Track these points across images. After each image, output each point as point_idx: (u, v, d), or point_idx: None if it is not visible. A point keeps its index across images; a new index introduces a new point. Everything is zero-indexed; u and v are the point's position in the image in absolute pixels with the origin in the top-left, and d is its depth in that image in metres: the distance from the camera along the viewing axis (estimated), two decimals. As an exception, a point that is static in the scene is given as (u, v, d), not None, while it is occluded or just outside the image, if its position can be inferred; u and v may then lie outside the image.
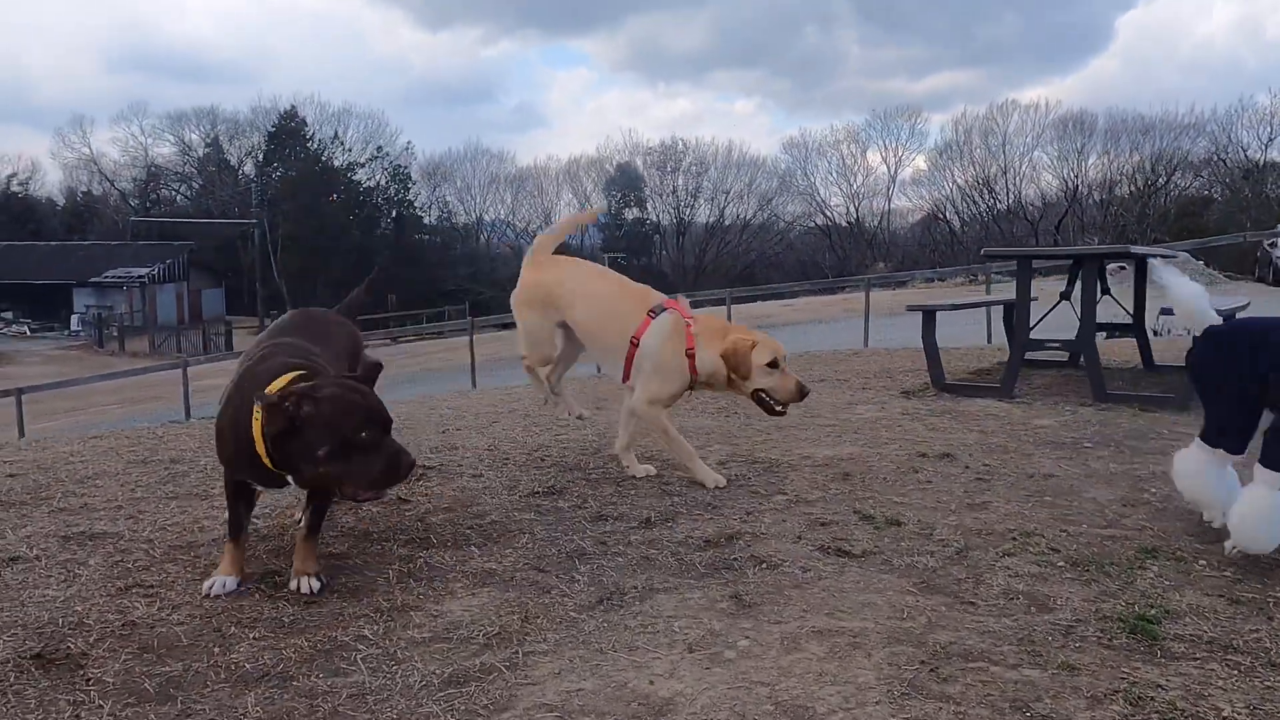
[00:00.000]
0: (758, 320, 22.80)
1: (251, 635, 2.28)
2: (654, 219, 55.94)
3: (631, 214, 55.36)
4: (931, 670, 2.05)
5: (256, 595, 2.54)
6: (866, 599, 2.49)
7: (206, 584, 2.55)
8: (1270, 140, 43.67)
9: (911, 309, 6.98)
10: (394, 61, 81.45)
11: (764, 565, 2.77)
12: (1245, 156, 44.03)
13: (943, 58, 77.61)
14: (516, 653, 2.17)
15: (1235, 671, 2.05)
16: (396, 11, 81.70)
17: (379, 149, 52.96)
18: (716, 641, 2.22)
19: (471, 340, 16.01)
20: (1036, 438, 4.56)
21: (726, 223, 55.41)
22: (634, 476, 3.82)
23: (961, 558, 2.83)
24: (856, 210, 55.08)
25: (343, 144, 52.59)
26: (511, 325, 4.43)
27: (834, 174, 55.77)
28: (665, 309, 3.77)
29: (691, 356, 3.64)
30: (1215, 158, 44.81)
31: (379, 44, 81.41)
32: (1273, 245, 21.98)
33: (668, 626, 2.32)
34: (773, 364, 3.54)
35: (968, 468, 3.97)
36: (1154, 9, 76.66)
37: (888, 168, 55.07)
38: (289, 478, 2.44)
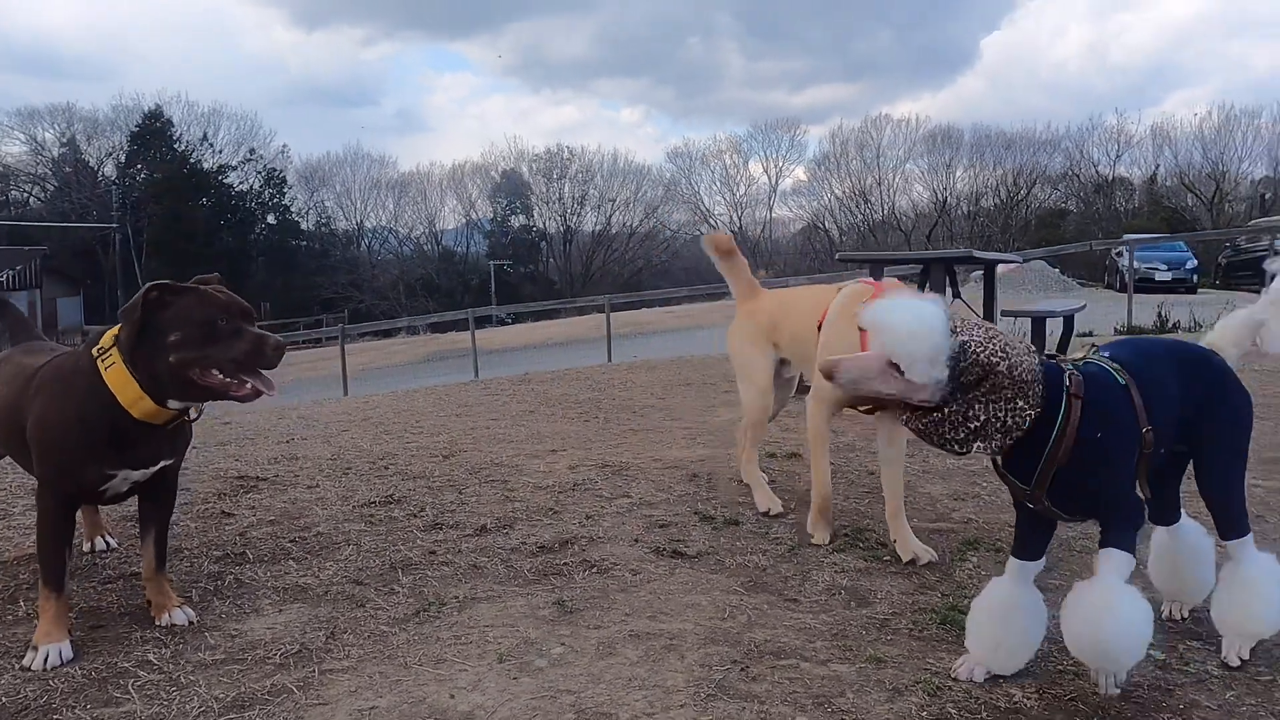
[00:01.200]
0: (638, 328, 22.90)
1: (17, 666, 2.07)
2: (540, 226, 55.54)
3: (518, 221, 54.85)
4: (742, 670, 2.02)
5: (31, 622, 2.32)
6: (691, 600, 2.46)
7: (31, 658, 2.06)
8: (1118, 157, 46.66)
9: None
10: (268, 61, 78.46)
11: (594, 569, 2.71)
12: (1096, 172, 46.86)
13: (821, 72, 79.88)
14: (313, 671, 2.04)
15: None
16: (269, 9, 78.67)
17: (252, 151, 50.87)
18: (529, 650, 2.15)
19: (343, 348, 15.47)
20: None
21: (613, 230, 55.53)
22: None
23: (793, 556, 2.83)
24: (740, 219, 56.10)
25: (212, 146, 50.30)
26: (391, 333, 4.26)
27: (718, 183, 56.67)
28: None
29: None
30: (1070, 172, 47.51)
31: (251, 42, 78.27)
32: (1119, 254, 23.38)
33: (481, 637, 2.22)
34: None
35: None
36: (1015, 32, 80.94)
37: (769, 178, 56.31)
38: (167, 406, 2.11)
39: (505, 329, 27.79)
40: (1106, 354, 1.96)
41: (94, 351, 2.12)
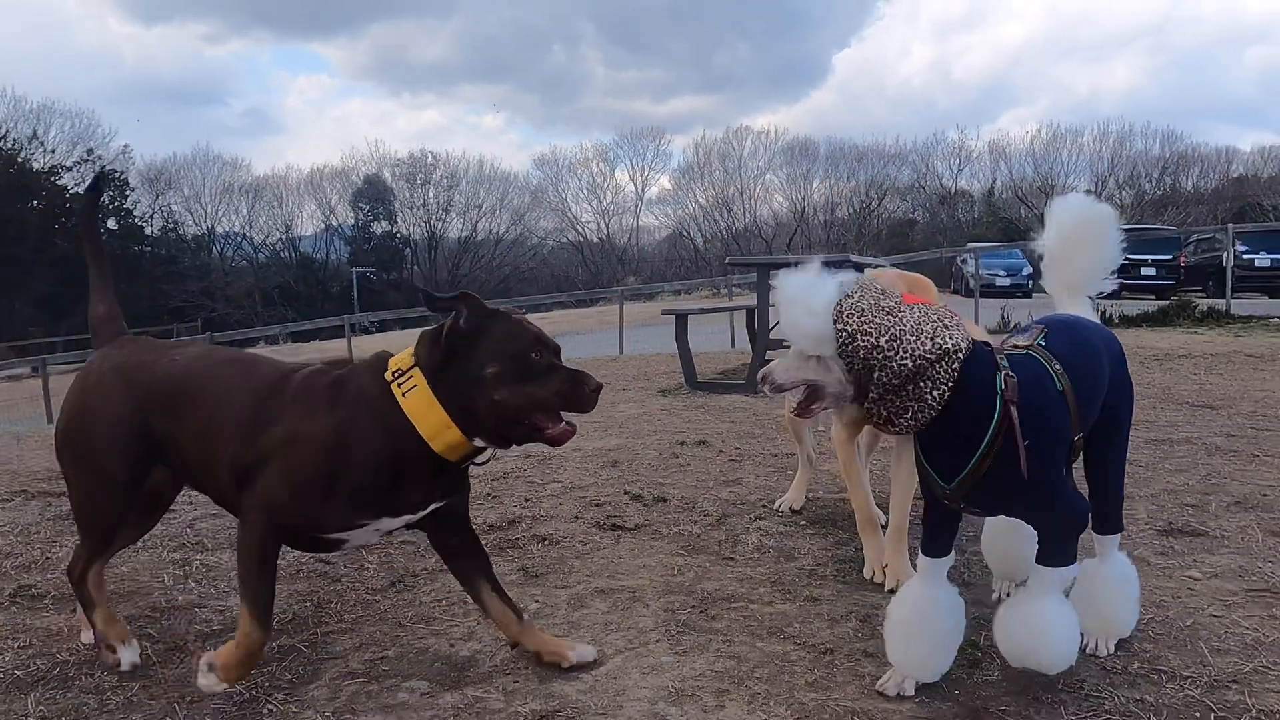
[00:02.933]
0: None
1: (16, 645, 2.15)
2: (404, 233, 54.51)
3: (380, 227, 53.64)
4: (701, 612, 2.33)
5: (13, 609, 2.39)
6: (641, 562, 2.75)
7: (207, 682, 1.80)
8: (959, 170, 49.96)
9: (666, 313, 7.46)
10: (103, 55, 73.68)
11: (546, 542, 2.96)
12: (940, 184, 50.01)
13: (683, 82, 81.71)
14: (315, 634, 2.22)
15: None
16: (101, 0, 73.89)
17: (89, 151, 47.69)
18: (509, 607, 2.38)
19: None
20: (779, 425, 5.08)
21: (480, 237, 55.07)
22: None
23: (721, 524, 3.16)
24: (607, 226, 56.73)
25: (43, 145, 46.99)
26: (249, 343, 4.31)
27: (584, 191, 57.08)
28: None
29: None
30: (917, 185, 50.48)
31: (83, 35, 73.34)
32: (964, 261, 25.11)
33: (461, 598, 2.44)
34: None
35: (721, 451, 4.38)
36: (864, 49, 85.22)
37: (635, 186, 57.18)
38: (473, 443, 1.83)
39: (371, 337, 27.23)
40: (1044, 344, 1.86)
41: (388, 375, 1.84)
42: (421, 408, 1.79)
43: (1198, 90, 70.50)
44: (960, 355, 1.67)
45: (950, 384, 1.66)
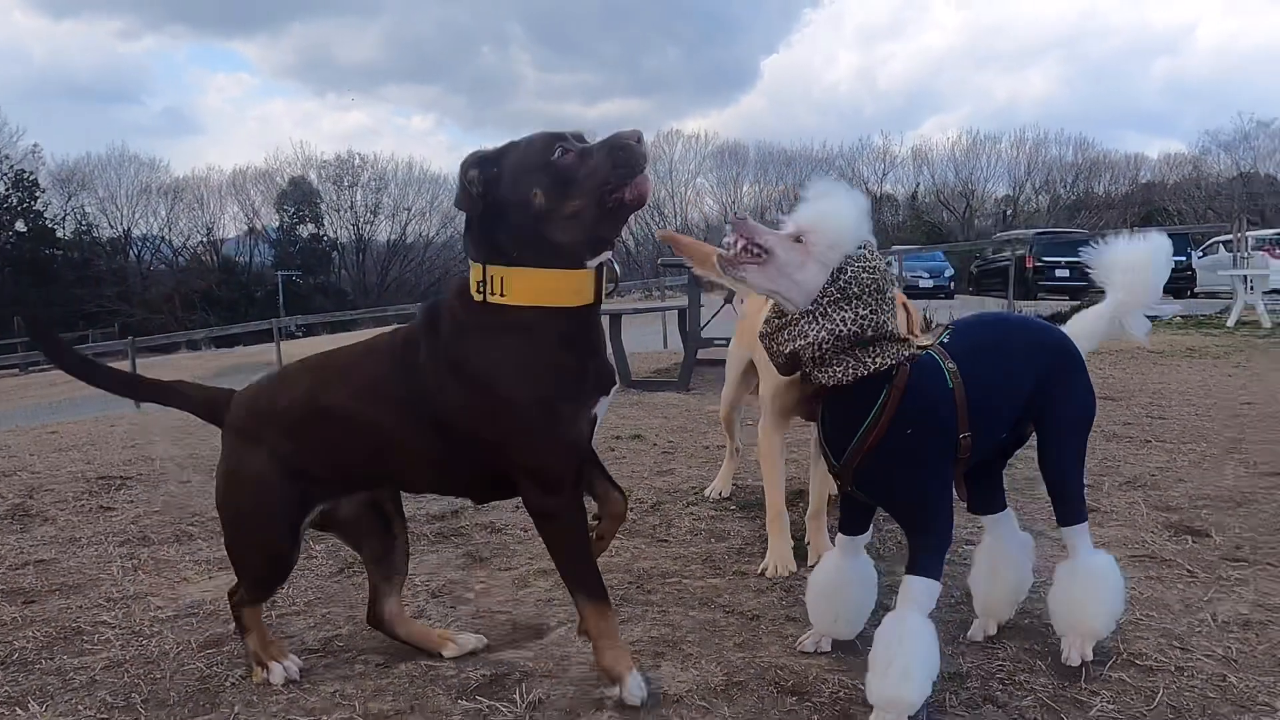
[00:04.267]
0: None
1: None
2: (331, 235, 53.63)
3: (307, 230, 52.64)
4: (638, 587, 2.49)
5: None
6: (581, 546, 2.90)
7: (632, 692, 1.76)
8: (884, 175, 51.29)
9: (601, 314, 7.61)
10: (8, 49, 70.93)
11: (489, 530, 3.09)
12: (866, 189, 51.22)
13: (614, 85, 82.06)
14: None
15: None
16: (5, -9, 71.02)
17: (-4, 151, 45.95)
18: (456, 588, 2.52)
19: (134, 363, 14.61)
20: (710, 420, 5.28)
21: (409, 240, 54.53)
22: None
23: (655, 510, 3.33)
24: (538, 230, 56.65)
25: (-54, 143, 45.02)
26: (170, 349, 4.35)
27: (516, 194, 56.95)
28: None
29: None
30: (843, 189, 51.68)
31: (-13, 29, 70.46)
32: (889, 264, 25.81)
33: (411, 582, 2.55)
34: None
35: (655, 444, 4.56)
36: (792, 54, 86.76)
37: (566, 189, 57.27)
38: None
39: (301, 341, 26.79)
40: (946, 342, 1.89)
41: (476, 288, 1.76)
42: (532, 287, 1.67)
43: (1109, 99, 73.63)
44: (908, 349, 1.74)
45: (892, 365, 1.69)
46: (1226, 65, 75.10)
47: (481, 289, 1.69)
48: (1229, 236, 19.99)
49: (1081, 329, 2.09)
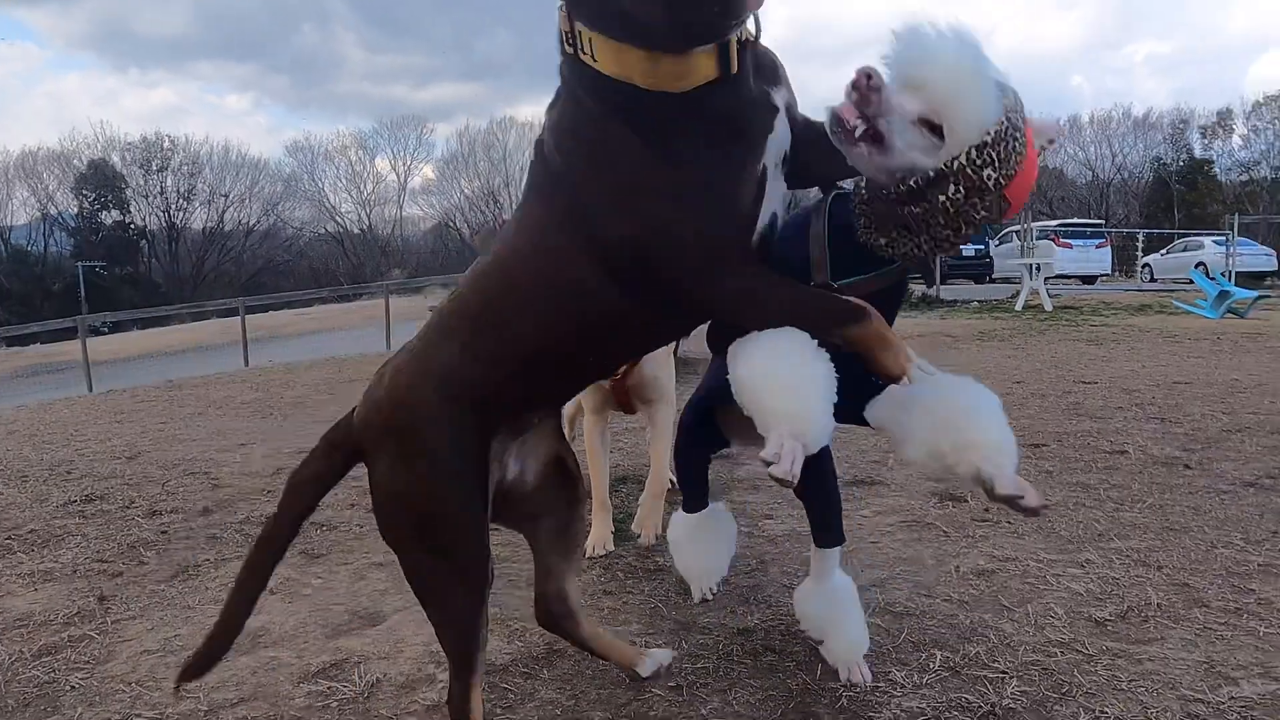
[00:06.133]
0: (272, 331, 22.00)
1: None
2: (139, 223, 50.07)
3: (110, 217, 48.93)
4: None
5: None
6: (415, 538, 3.06)
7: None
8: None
9: (432, 309, 7.66)
10: None
11: (325, 528, 3.20)
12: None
13: (445, 69, 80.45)
14: (105, 622, 2.37)
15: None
16: None
17: None
18: (294, 584, 2.64)
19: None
20: (542, 411, 5.51)
21: (227, 228, 51.68)
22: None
23: (487, 501, 3.53)
24: (369, 217, 55.03)
25: None
26: None
27: (343, 180, 55.07)
28: None
29: None
30: (675, 178, 52.92)
31: None
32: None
33: (247, 582, 2.66)
34: None
35: (488, 438, 4.74)
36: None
37: (397, 176, 55.86)
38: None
39: (108, 339, 25.03)
40: None
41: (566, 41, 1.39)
42: (614, 57, 1.28)
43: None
44: None
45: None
46: (1022, 66, 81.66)
47: (572, 41, 1.31)
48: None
49: None
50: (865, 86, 1.31)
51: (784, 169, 1.38)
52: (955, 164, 1.34)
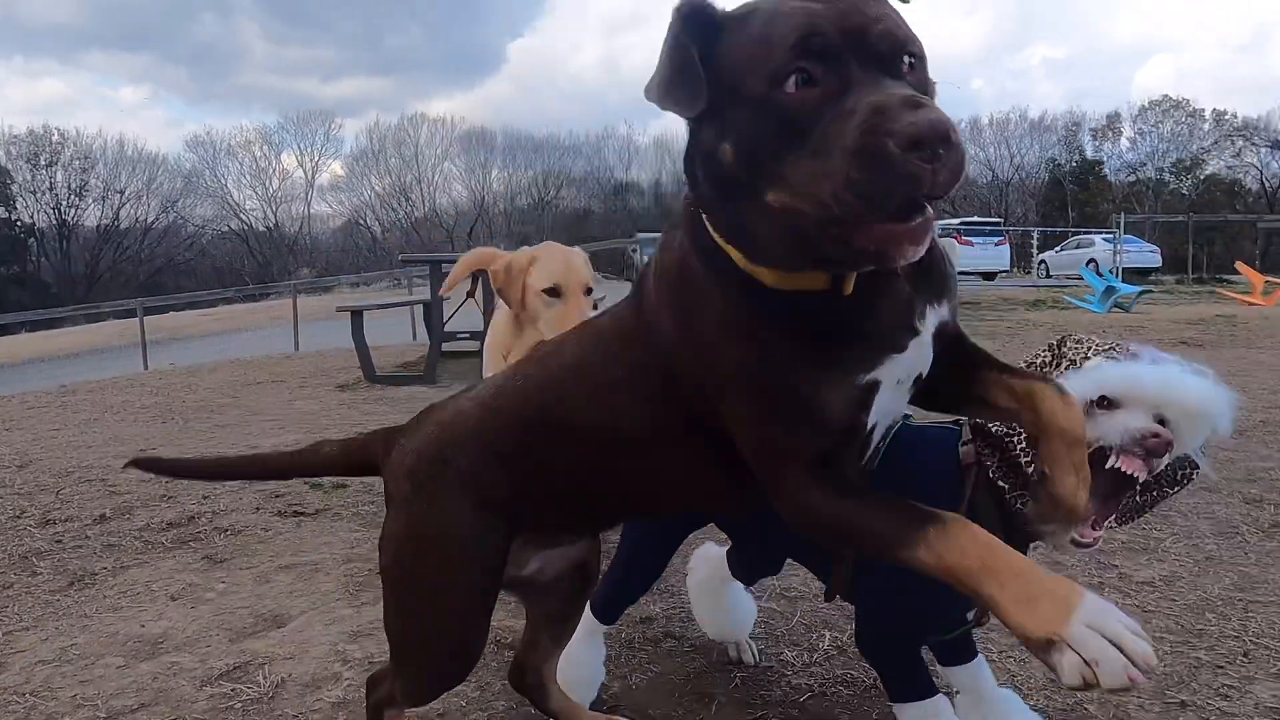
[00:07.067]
0: (173, 333, 21.24)
1: None
2: (27, 220, 47.65)
3: (-4, 214, 46.43)
4: (379, 574, 2.70)
5: None
6: (323, 540, 3.06)
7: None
8: (629, 163, 53.07)
9: (341, 309, 7.56)
10: None
11: (228, 533, 3.17)
12: (612, 176, 52.81)
13: (354, 63, 78.76)
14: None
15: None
16: None
17: None
18: (196, 589, 2.61)
19: None
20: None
21: (124, 225, 49.61)
22: None
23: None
24: (275, 215, 53.50)
25: None
26: None
27: (247, 176, 53.42)
28: None
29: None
30: (591, 176, 52.94)
31: None
32: (634, 250, 26.94)
33: (147, 589, 2.62)
34: (553, 291, 2.42)
35: (399, 439, 4.72)
36: (538, 39, 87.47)
37: (305, 172, 54.45)
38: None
39: (-4, 341, 23.78)
40: None
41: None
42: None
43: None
44: None
45: None
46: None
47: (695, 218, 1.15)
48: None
49: None
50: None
51: (912, 387, 1.21)
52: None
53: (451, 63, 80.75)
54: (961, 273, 20.50)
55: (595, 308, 2.47)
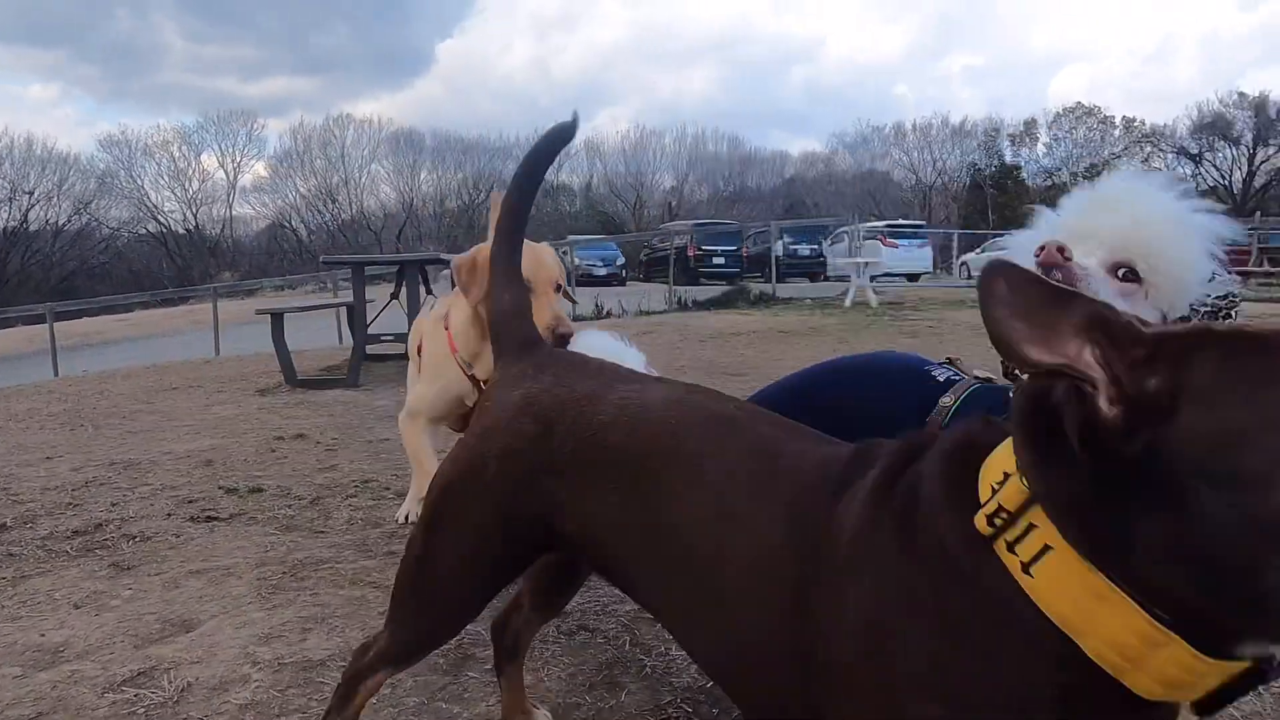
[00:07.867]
0: (85, 338, 20.49)
1: None
2: (-71, 222, 45.40)
3: (-107, 216, 44.13)
4: (292, 577, 2.68)
5: None
6: (237, 545, 3.01)
7: None
8: (560, 165, 52.84)
9: (260, 312, 7.41)
10: None
11: (137, 540, 3.09)
12: (544, 178, 52.63)
13: (277, 62, 76.92)
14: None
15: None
16: None
17: None
18: (101, 597, 2.54)
19: None
20: (377, 414, 5.45)
21: (33, 228, 47.58)
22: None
23: (315, 505, 3.49)
24: (195, 217, 51.93)
25: None
26: None
27: (165, 177, 51.70)
28: None
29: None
30: (521, 179, 52.70)
31: None
32: (564, 253, 26.93)
33: (49, 598, 2.55)
34: None
35: (319, 443, 4.66)
36: (468, 40, 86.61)
37: (226, 174, 52.93)
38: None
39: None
40: None
41: (983, 520, 0.84)
42: (1072, 600, 0.79)
43: (758, 99, 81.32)
44: None
45: None
46: (850, 76, 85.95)
47: (995, 523, 0.83)
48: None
49: None
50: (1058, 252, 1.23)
51: None
52: None
53: (379, 63, 79.52)
54: (886, 274, 20.96)
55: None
